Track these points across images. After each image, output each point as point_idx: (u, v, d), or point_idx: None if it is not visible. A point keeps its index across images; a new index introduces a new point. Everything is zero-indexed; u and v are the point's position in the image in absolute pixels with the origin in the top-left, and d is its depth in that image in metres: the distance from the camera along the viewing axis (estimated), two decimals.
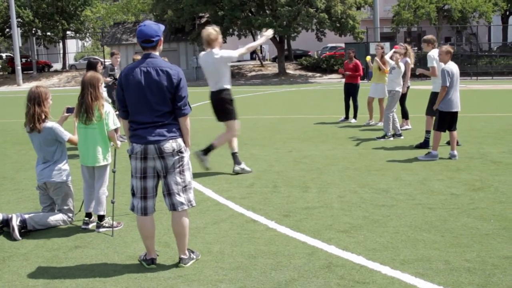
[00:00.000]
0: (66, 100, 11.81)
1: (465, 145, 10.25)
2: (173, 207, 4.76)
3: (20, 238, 5.73)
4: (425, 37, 10.93)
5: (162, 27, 4.79)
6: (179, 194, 4.73)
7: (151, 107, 4.60)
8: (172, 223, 4.86)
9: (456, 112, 9.25)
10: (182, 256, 4.90)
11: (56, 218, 6.09)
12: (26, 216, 5.94)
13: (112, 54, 13.30)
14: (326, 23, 38.47)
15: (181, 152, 4.73)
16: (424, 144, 10.37)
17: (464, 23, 44.92)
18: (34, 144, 6.12)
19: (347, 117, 14.99)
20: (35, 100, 5.94)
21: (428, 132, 10.42)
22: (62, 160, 6.14)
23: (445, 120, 9.15)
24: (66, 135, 6.07)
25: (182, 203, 4.75)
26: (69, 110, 6.25)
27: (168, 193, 4.75)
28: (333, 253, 5.08)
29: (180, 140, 4.72)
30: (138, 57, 13.05)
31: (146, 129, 4.62)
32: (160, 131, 4.61)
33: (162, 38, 4.78)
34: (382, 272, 4.60)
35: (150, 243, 4.91)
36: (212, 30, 8.17)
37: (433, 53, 10.43)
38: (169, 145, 4.63)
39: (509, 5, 47.60)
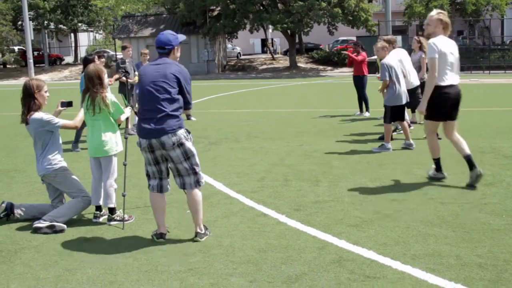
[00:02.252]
0: (77, 93, 11.86)
1: (477, 140, 10.16)
2: (183, 186, 5.31)
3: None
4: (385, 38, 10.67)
5: (180, 37, 5.39)
6: (188, 176, 5.26)
7: (150, 94, 5.12)
8: (187, 200, 5.35)
9: (404, 105, 9.64)
10: (198, 230, 5.36)
11: (73, 204, 6.07)
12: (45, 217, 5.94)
13: (123, 48, 13.31)
14: (339, 16, 38.30)
15: (182, 144, 5.15)
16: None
17: (477, 16, 44.59)
18: (30, 136, 6.17)
19: (361, 110, 14.92)
20: (27, 91, 5.98)
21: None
22: (53, 151, 6.09)
23: (394, 113, 9.56)
24: (58, 121, 6.04)
25: (190, 184, 5.27)
26: (63, 104, 6.27)
27: (178, 174, 5.28)
28: (343, 247, 5.07)
29: (179, 132, 5.14)
30: (146, 51, 13.16)
31: (147, 122, 5.12)
32: (158, 126, 5.08)
33: (177, 47, 5.33)
34: (392, 266, 4.59)
35: (160, 218, 5.40)
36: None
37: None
38: (169, 140, 5.08)
39: None
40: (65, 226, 5.80)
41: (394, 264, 4.64)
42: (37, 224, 5.77)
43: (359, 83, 14.77)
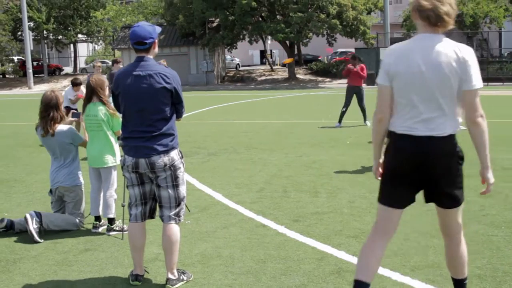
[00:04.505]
0: (76, 103, 11.89)
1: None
2: (161, 218, 4.60)
3: (41, 241, 5.75)
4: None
5: (157, 28, 4.49)
6: (169, 208, 4.54)
7: (141, 115, 4.37)
8: (162, 236, 4.62)
9: None
10: (170, 276, 4.54)
11: (70, 221, 6.11)
12: (42, 213, 5.97)
13: (114, 62, 13.31)
14: (337, 28, 38.47)
15: (174, 166, 4.47)
16: None
17: (475, 28, 44.77)
18: (48, 148, 6.16)
19: (340, 122, 15.18)
20: (51, 104, 5.99)
21: None
22: (75, 163, 6.18)
23: None
24: (82, 137, 6.12)
25: (169, 217, 4.54)
26: (75, 115, 6.30)
27: (159, 205, 4.60)
28: (343, 258, 5.07)
29: (173, 153, 4.46)
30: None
31: (137, 139, 4.40)
32: (150, 144, 4.37)
33: (156, 41, 4.48)
34: (392, 278, 4.59)
35: (138, 256, 4.66)
36: None
37: None
38: (161, 160, 4.39)
39: None
40: (41, 241, 5.77)
41: (394, 275, 4.64)
42: (31, 219, 5.78)
43: (357, 92, 14.97)
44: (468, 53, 3.42)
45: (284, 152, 11.08)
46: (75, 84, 11.89)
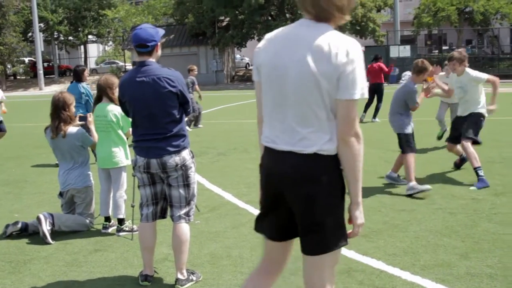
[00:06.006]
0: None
1: (486, 149, 10.12)
2: (171, 218, 4.61)
3: (52, 242, 5.77)
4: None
5: (160, 31, 4.47)
6: (180, 208, 4.56)
7: (151, 120, 4.39)
8: (171, 236, 4.64)
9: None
10: (179, 276, 4.55)
11: (80, 222, 6.13)
12: (54, 214, 6.00)
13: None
14: (346, 26, 38.38)
15: (185, 166, 4.48)
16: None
17: (486, 25, 44.52)
18: (57, 150, 6.17)
19: (365, 111, 15.81)
20: (59, 105, 6.01)
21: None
22: (85, 164, 6.20)
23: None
24: (91, 138, 6.14)
25: (179, 217, 4.55)
26: (82, 119, 6.31)
27: (170, 204, 4.62)
28: (352, 258, 5.05)
29: (184, 152, 4.48)
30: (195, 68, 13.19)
31: (148, 141, 4.42)
32: (162, 144, 4.39)
33: (159, 43, 4.44)
34: (402, 277, 4.57)
35: (148, 257, 4.67)
36: None
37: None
38: (172, 160, 4.40)
39: None
40: (52, 242, 5.80)
41: (404, 274, 4.62)
42: (44, 220, 5.82)
43: (378, 89, 15.76)
44: (353, 52, 2.60)
45: None
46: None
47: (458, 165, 8.69)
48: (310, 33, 2.62)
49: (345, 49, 2.57)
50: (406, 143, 7.45)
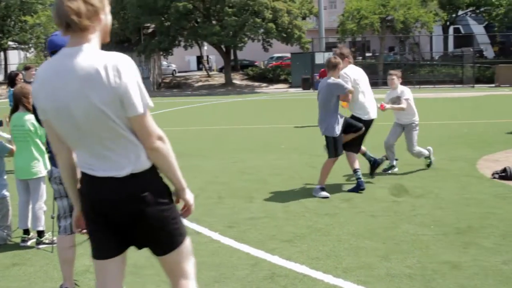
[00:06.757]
0: (6, 112, 11.53)
1: (406, 153, 10.40)
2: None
3: None
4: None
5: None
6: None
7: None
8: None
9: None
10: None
11: None
12: None
13: (26, 68, 12.82)
14: (273, 33, 38.78)
15: None
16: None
17: (407, 33, 45.90)
18: None
19: None
20: None
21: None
22: (0, 175, 5.98)
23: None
24: (8, 147, 5.93)
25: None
26: None
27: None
28: (276, 263, 5.07)
29: None
30: None
31: None
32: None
33: None
34: (324, 280, 4.62)
35: (68, 269, 4.53)
36: None
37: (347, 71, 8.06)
38: None
39: (449, 15, 48.95)
40: None
41: (326, 278, 4.68)
42: None
43: None
44: (123, 68, 2.58)
45: (220, 158, 11.05)
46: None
47: (372, 170, 8.80)
48: (76, 63, 2.54)
49: (114, 69, 2.54)
50: (333, 146, 7.56)
